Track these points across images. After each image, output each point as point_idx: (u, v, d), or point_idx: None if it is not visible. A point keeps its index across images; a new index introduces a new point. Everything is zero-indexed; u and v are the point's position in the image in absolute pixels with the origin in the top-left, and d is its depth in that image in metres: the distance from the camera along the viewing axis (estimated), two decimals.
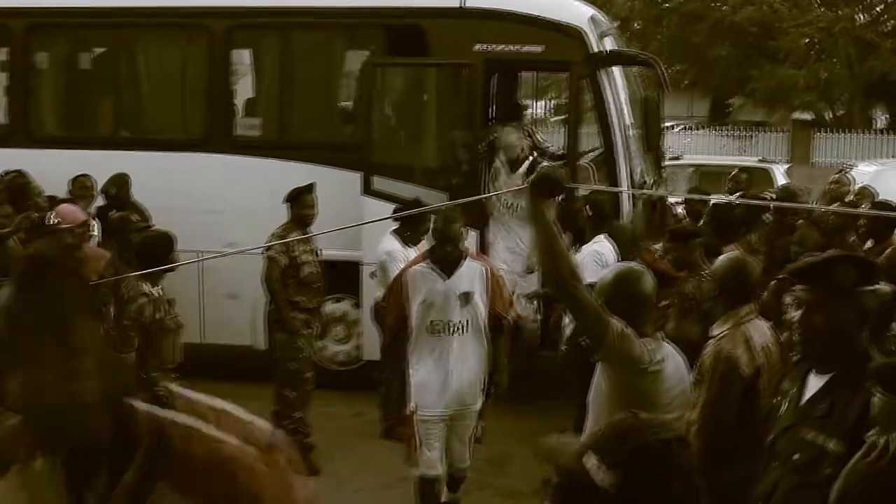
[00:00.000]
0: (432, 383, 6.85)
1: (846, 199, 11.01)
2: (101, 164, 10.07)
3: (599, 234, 8.50)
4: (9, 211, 8.78)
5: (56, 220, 8.13)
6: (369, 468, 8.44)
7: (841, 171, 13.88)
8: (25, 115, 11.10)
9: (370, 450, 8.75)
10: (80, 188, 9.73)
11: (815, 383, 4.01)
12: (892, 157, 28.72)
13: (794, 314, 4.05)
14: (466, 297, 6.78)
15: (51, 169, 9.88)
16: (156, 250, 7.07)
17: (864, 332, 4.01)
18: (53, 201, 9.18)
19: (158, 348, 6.89)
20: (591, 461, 2.32)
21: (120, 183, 9.82)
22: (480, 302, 6.84)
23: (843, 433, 3.79)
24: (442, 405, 6.87)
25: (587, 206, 8.59)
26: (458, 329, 6.79)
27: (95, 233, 8.90)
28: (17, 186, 9.29)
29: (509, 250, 9.85)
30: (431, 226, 7.08)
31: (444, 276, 6.78)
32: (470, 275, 6.83)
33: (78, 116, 11.50)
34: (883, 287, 5.89)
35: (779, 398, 4.24)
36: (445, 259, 6.81)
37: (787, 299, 6.59)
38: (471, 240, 8.90)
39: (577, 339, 6.76)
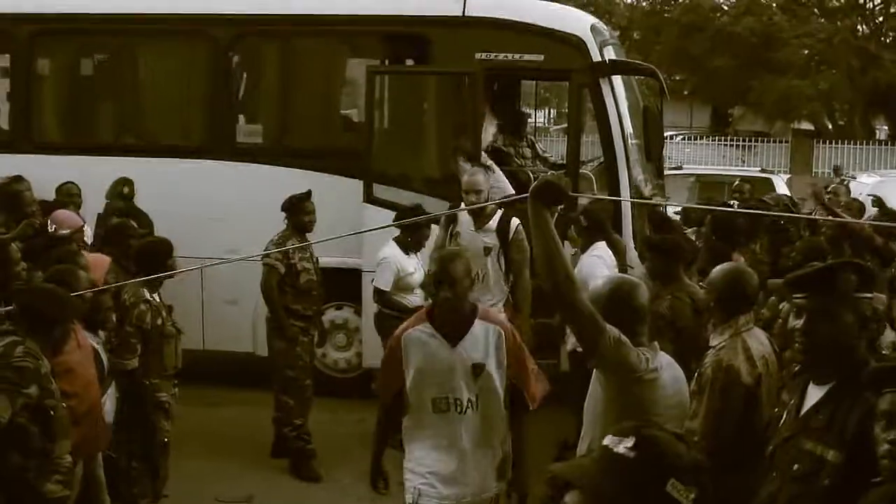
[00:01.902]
0: (437, 471, 5.49)
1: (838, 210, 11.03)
2: (103, 171, 10.07)
3: (595, 243, 8.39)
4: (1, 219, 8.67)
5: (53, 227, 8.14)
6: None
7: (841, 181, 13.93)
8: (28, 122, 11.11)
9: None
10: (67, 195, 9.69)
11: (814, 394, 4.02)
12: (893, 168, 28.74)
13: (796, 322, 4.05)
14: (478, 370, 5.35)
15: (53, 175, 9.87)
16: (154, 257, 7.09)
17: (863, 341, 4.02)
18: (45, 207, 9.15)
19: (159, 355, 6.92)
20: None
21: (129, 182, 9.81)
22: (496, 374, 5.40)
23: (843, 443, 3.80)
24: (451, 497, 5.50)
25: (582, 217, 8.46)
26: (469, 407, 5.39)
27: (89, 238, 8.89)
28: (11, 193, 9.24)
29: None
30: (427, 269, 5.74)
31: (448, 342, 5.34)
32: (482, 340, 5.37)
33: (80, 123, 11.51)
34: (879, 295, 5.91)
35: (779, 408, 4.25)
36: (450, 319, 5.38)
37: (786, 307, 6.61)
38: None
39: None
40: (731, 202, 11.91)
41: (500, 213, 8.24)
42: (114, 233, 8.21)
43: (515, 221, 8.09)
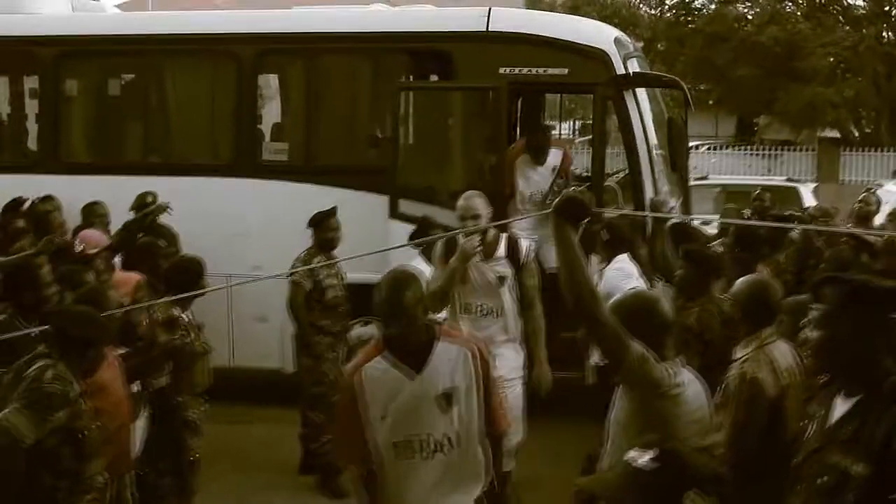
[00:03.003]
0: None
1: (872, 220, 10.95)
2: (130, 190, 10.15)
3: (617, 255, 8.31)
4: (31, 240, 8.70)
5: (81, 247, 8.19)
6: None
7: (868, 189, 13.83)
8: (56, 142, 11.22)
9: None
10: (95, 216, 9.75)
11: (842, 406, 4.01)
12: None
13: (812, 334, 4.05)
14: (448, 400, 4.71)
15: (81, 195, 9.96)
16: (185, 276, 7.14)
17: (887, 353, 4.00)
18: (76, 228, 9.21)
19: (189, 373, 6.97)
20: None
21: (154, 196, 9.83)
22: (468, 402, 4.75)
23: (869, 456, 3.79)
24: None
25: (604, 230, 8.29)
26: (440, 447, 4.72)
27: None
28: (39, 213, 9.27)
29: None
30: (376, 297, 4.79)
31: (410, 372, 4.71)
32: (448, 364, 4.73)
33: (108, 142, 11.62)
34: None
35: (806, 421, 4.25)
36: (407, 346, 4.73)
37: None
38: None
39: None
40: (749, 211, 11.84)
41: (505, 237, 7.44)
42: (141, 252, 8.27)
43: (525, 244, 7.53)
